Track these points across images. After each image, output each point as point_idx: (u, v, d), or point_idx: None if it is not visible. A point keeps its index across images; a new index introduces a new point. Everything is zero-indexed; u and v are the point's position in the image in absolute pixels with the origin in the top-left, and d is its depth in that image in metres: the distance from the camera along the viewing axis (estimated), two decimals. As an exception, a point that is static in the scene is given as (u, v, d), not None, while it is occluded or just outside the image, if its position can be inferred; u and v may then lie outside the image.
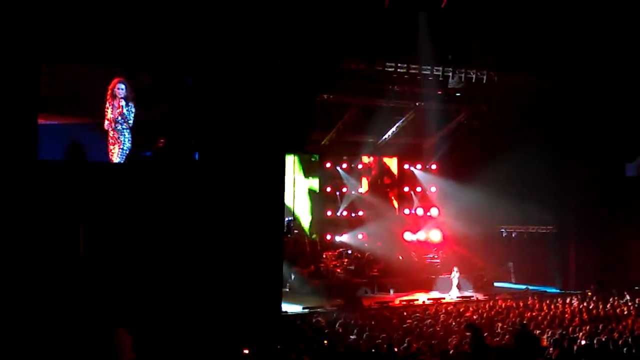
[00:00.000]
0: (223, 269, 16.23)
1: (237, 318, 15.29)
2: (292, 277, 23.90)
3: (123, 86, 16.18)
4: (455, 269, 23.05)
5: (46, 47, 14.50)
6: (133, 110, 16.34)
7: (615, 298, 19.55)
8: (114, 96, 16.10)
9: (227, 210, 16.47)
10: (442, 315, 17.11)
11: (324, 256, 24.95)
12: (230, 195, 16.56)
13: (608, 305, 18.31)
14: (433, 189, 27.74)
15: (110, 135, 16.18)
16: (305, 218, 26.42)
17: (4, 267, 13.80)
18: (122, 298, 14.87)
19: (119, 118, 16.22)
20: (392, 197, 28.43)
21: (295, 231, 25.03)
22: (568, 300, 19.85)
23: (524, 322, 14.97)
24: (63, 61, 15.24)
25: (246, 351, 11.45)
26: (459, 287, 22.59)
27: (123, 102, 16.20)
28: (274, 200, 17.54)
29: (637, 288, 21.21)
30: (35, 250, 14.19)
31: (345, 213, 27.10)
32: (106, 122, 16.04)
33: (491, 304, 19.51)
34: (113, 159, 16.24)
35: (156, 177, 16.26)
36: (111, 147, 16.20)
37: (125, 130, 16.32)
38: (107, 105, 16.06)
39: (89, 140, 16.12)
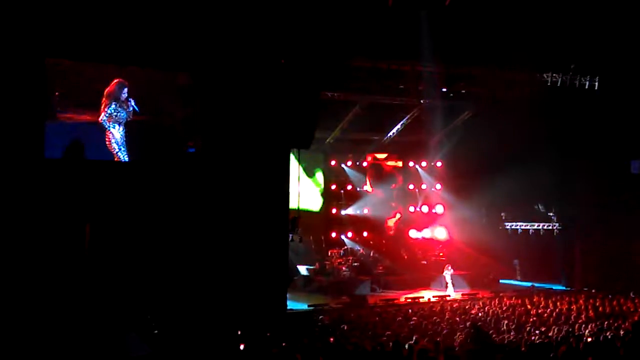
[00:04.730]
0: (228, 266, 16.29)
1: (242, 315, 15.34)
2: (298, 274, 23.91)
3: (125, 88, 16.29)
4: (448, 266, 22.93)
5: (50, 46, 14.56)
6: (136, 108, 16.42)
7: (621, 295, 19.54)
8: (110, 96, 16.21)
9: (232, 209, 16.52)
10: (447, 313, 17.09)
11: (329, 254, 24.94)
12: (236, 194, 16.61)
13: (614, 302, 18.26)
14: (438, 186, 27.69)
15: (107, 132, 16.30)
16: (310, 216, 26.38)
17: (11, 263, 13.87)
18: (128, 294, 14.95)
19: (117, 117, 16.31)
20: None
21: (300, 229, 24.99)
22: (574, 297, 19.81)
23: None
24: (66, 58, 15.31)
25: (242, 346, 11.48)
26: (453, 285, 22.49)
27: (124, 103, 16.31)
28: (279, 198, 17.57)
29: None
30: (41, 247, 14.26)
31: (350, 211, 27.09)
32: (104, 119, 16.13)
33: (497, 301, 19.48)
34: (116, 157, 16.34)
35: (161, 175, 16.31)
36: (109, 145, 16.34)
37: (117, 127, 16.41)
38: (103, 106, 16.19)
39: (92, 139, 16.24)
